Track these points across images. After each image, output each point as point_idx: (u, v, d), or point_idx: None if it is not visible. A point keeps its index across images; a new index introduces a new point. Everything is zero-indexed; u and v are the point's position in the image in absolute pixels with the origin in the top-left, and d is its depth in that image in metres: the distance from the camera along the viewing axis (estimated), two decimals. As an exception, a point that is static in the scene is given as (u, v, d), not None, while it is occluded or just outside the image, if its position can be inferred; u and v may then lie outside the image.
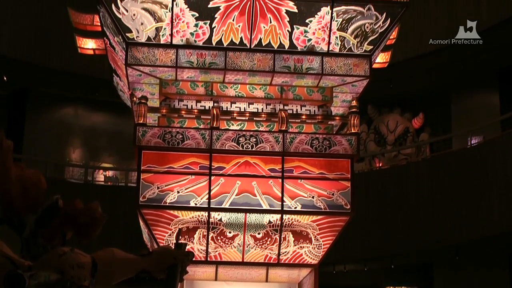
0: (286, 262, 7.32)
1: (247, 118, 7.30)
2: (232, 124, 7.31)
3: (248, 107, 7.35)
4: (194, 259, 3.39)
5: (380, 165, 18.36)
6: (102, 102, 18.85)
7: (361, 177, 15.67)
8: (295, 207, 7.03)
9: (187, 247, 2.70)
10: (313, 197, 7.06)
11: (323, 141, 7.09)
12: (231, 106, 7.32)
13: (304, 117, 7.33)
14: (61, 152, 19.30)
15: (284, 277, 7.74)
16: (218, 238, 7.14)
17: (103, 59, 8.08)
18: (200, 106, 7.28)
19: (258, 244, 7.22)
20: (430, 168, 15.37)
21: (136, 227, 8.09)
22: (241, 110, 7.31)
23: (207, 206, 6.95)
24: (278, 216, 7.05)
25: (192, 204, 6.95)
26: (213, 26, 6.82)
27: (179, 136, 6.96)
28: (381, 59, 8.24)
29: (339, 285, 17.41)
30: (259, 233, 7.19)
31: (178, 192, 6.95)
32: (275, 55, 6.97)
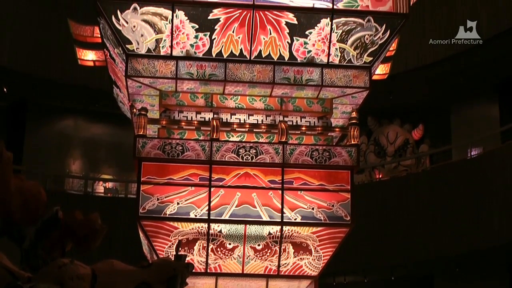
0: (286, 273, 7.30)
1: (247, 130, 7.30)
2: (232, 136, 7.31)
3: (248, 118, 7.35)
4: (193, 270, 3.39)
5: (380, 176, 18.36)
6: (102, 114, 18.85)
7: (361, 189, 15.65)
8: (295, 219, 7.02)
9: (187, 259, 2.70)
10: (313, 209, 7.05)
11: (323, 153, 7.08)
12: (231, 118, 7.32)
13: (304, 128, 7.34)
14: (61, 163, 19.29)
15: (284, 288, 7.72)
16: (218, 249, 7.13)
17: (103, 70, 8.09)
18: (200, 118, 7.28)
19: (258, 256, 7.20)
20: (430, 180, 15.37)
21: (136, 239, 8.07)
22: (241, 121, 7.31)
23: (207, 217, 6.94)
24: (278, 227, 7.04)
25: (192, 216, 6.94)
26: (213, 37, 6.83)
27: (179, 148, 6.96)
28: (381, 70, 8.25)
29: (339, 297, 17.38)
30: (259, 245, 7.18)
31: (178, 203, 6.94)
32: (275, 66, 6.98)
